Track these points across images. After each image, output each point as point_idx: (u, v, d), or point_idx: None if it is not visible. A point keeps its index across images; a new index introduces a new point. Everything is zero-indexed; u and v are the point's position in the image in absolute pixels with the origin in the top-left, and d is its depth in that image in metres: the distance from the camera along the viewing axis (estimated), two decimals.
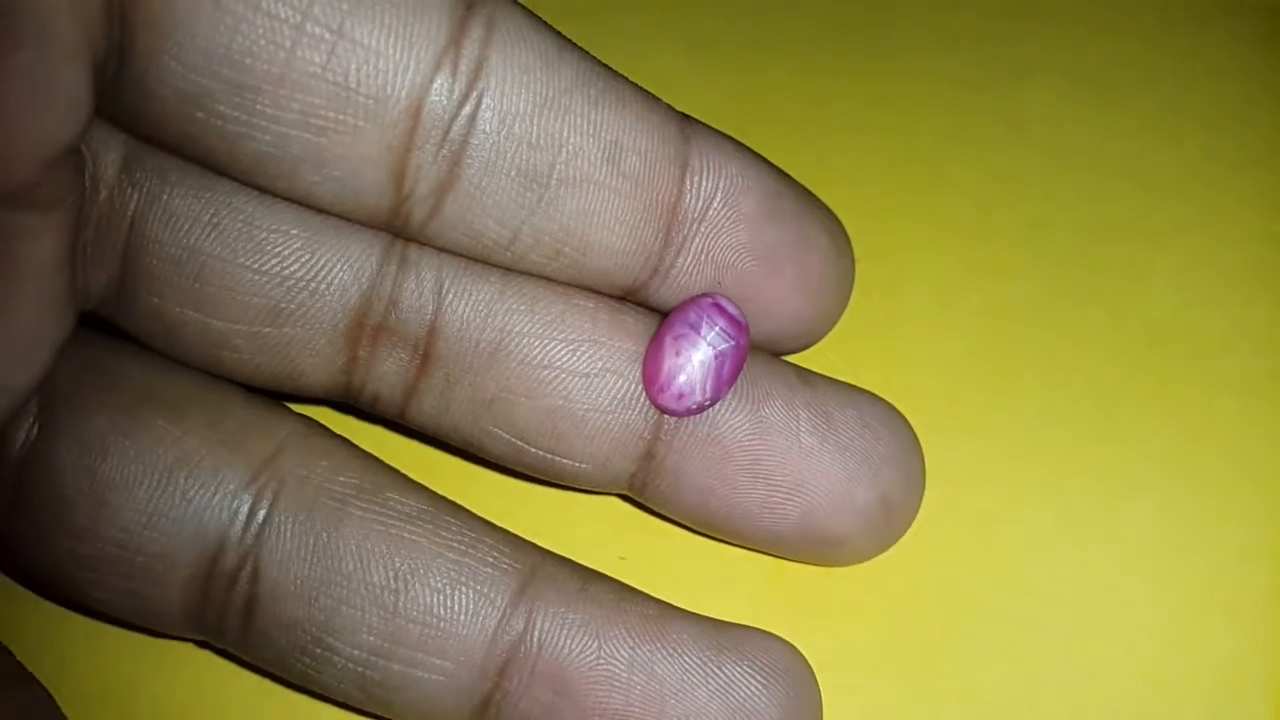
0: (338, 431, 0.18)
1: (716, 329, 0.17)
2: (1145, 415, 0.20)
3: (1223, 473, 0.20)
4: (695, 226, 0.17)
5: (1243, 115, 0.22)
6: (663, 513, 0.19)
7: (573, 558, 0.18)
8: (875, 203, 0.20)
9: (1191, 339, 0.21)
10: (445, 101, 0.15)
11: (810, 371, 0.18)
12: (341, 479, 0.17)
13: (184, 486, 0.17)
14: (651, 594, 0.18)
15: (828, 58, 0.23)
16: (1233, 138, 0.22)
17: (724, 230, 0.17)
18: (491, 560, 0.17)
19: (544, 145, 0.16)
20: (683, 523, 0.19)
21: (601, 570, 0.18)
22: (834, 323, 0.19)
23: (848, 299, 0.18)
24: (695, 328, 0.17)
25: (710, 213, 0.17)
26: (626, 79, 0.17)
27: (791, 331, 0.18)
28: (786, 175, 0.18)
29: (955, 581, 0.19)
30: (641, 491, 0.18)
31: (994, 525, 0.20)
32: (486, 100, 0.16)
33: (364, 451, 0.18)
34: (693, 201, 0.17)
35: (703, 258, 0.17)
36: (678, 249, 0.17)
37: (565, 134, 0.16)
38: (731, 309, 0.17)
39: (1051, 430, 0.20)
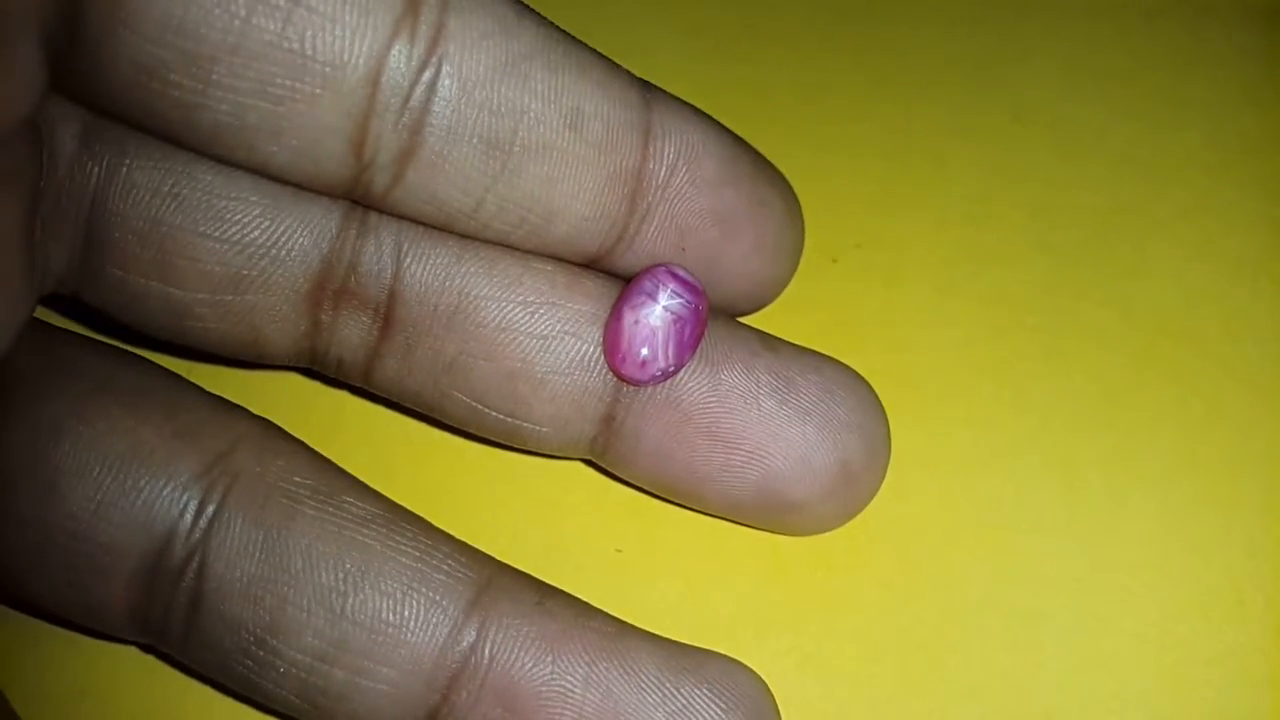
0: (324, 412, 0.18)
1: (669, 291, 0.17)
2: (1148, 401, 0.20)
3: (1226, 459, 0.20)
4: (660, 193, 0.17)
5: (1244, 101, 0.22)
6: (626, 478, 0.18)
7: (568, 550, 0.18)
8: (875, 189, 0.20)
9: (1194, 326, 0.21)
10: (404, 68, 0.15)
11: (775, 338, 0.18)
12: (296, 479, 0.17)
13: (135, 476, 0.16)
14: (648, 587, 0.17)
15: (826, 44, 0.23)
16: (1234, 123, 0.22)
17: (687, 196, 0.17)
18: (446, 568, 0.16)
19: (505, 112, 0.16)
20: (646, 488, 0.18)
21: (598, 563, 0.18)
22: (786, 283, 0.18)
23: (799, 259, 0.18)
24: (651, 295, 0.17)
25: (674, 179, 0.17)
26: (586, 45, 0.16)
27: (748, 293, 0.18)
28: (740, 139, 0.18)
29: (957, 571, 0.19)
30: (603, 455, 0.18)
31: (994, 513, 0.19)
32: (446, 67, 0.15)
33: (322, 456, 0.17)
34: (657, 168, 0.17)
35: (667, 224, 0.17)
36: (643, 216, 0.17)
37: (526, 100, 0.16)
38: (685, 275, 0.17)
39: (1053, 417, 0.20)
